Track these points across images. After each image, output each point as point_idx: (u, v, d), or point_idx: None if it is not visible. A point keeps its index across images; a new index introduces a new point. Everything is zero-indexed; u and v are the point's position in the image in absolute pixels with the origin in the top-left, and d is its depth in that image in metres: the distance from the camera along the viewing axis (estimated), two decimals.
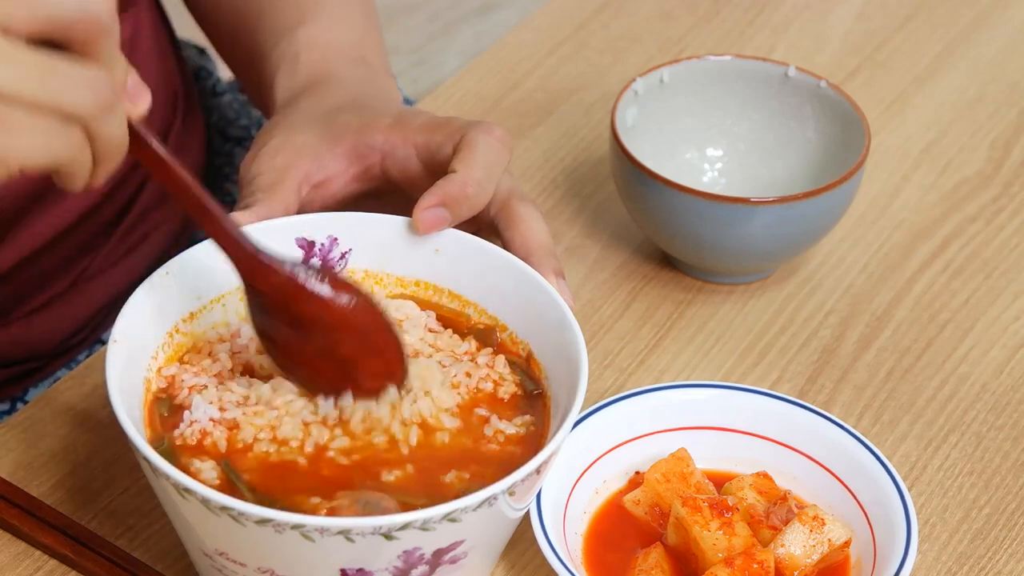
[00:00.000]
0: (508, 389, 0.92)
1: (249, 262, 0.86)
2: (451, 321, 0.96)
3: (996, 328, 1.12)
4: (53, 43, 0.72)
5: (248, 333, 0.92)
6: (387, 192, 1.02)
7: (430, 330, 0.94)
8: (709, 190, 1.16)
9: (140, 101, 0.78)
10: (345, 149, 1.00)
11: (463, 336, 0.94)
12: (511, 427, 0.89)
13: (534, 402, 0.91)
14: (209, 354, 0.92)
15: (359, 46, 1.11)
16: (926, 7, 1.41)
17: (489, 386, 0.91)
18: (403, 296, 0.97)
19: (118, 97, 0.75)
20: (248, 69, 1.16)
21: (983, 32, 1.38)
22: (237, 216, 0.95)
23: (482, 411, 0.90)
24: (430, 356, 0.93)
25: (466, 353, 0.93)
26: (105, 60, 0.74)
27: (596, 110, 1.29)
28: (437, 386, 0.89)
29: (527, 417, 0.90)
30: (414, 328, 0.94)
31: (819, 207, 1.08)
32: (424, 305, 0.97)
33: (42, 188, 1.12)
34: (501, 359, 0.93)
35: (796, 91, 1.16)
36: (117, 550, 0.94)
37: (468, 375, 0.92)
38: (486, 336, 0.94)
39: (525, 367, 0.93)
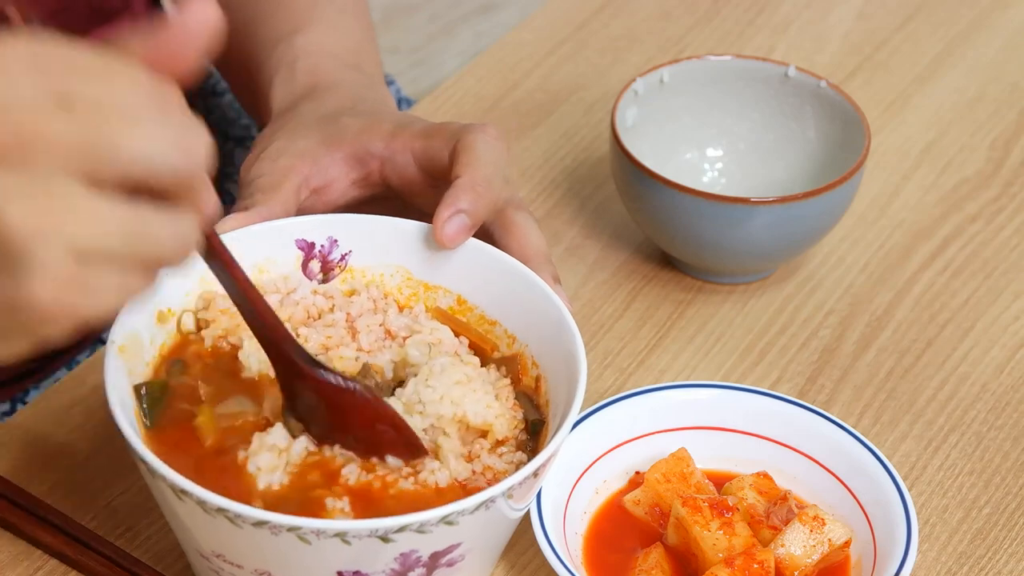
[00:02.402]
0: (504, 425, 0.91)
1: (290, 366, 0.87)
2: (476, 347, 0.95)
3: (996, 328, 1.12)
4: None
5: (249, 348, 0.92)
6: (386, 198, 1.02)
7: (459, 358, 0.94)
8: (709, 190, 1.16)
9: (212, 206, 0.76)
10: (345, 154, 1.00)
11: (485, 365, 0.94)
12: (500, 463, 0.89)
13: (532, 434, 0.91)
14: None
15: (355, 53, 1.11)
16: (926, 7, 1.41)
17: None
18: (410, 296, 0.97)
19: (201, 228, 0.73)
20: (243, 76, 1.16)
21: (983, 32, 1.38)
22: (236, 217, 0.95)
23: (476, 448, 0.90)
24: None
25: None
26: (195, 200, 0.71)
27: (596, 110, 1.29)
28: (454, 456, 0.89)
29: (519, 454, 0.89)
30: (443, 355, 0.93)
31: (819, 207, 1.08)
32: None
33: None
34: (508, 392, 0.92)
35: (796, 91, 1.16)
36: (117, 550, 0.94)
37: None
38: (508, 364, 0.94)
39: (533, 394, 0.93)
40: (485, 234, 0.98)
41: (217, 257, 0.82)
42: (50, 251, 0.66)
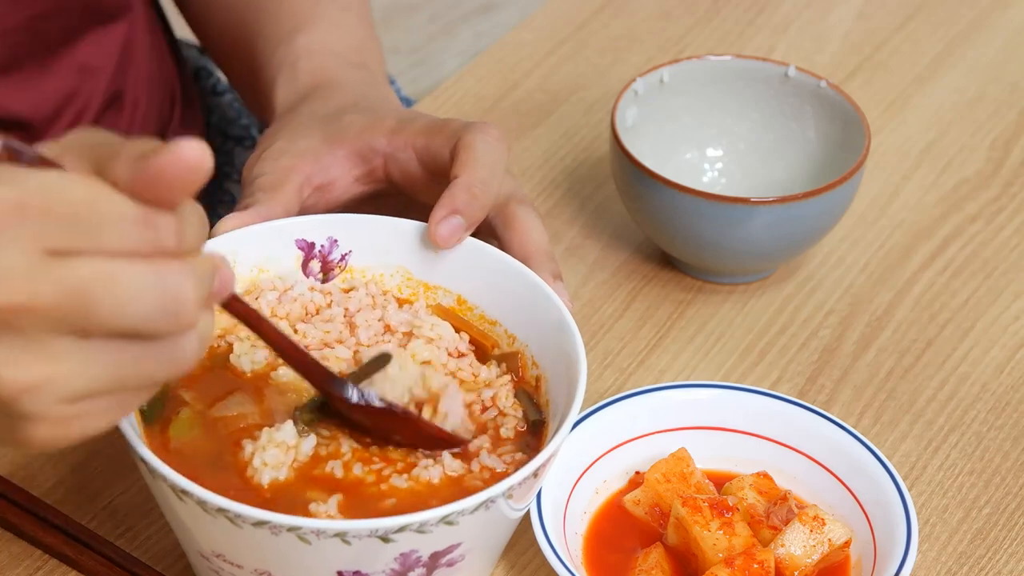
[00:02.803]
0: (509, 424, 0.91)
1: (337, 401, 0.88)
2: (477, 344, 0.95)
3: (996, 328, 1.12)
4: None
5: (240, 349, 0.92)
6: (390, 194, 1.02)
7: (460, 354, 0.94)
8: (709, 190, 1.16)
9: (226, 288, 0.75)
10: (347, 152, 1.00)
11: (485, 361, 0.94)
12: (500, 464, 0.89)
13: (533, 432, 0.91)
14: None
15: (358, 51, 1.11)
16: (926, 7, 1.41)
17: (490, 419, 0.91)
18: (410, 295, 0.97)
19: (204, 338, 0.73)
20: (246, 77, 1.16)
21: (983, 32, 1.38)
22: (235, 216, 0.95)
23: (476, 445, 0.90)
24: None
25: (485, 384, 0.93)
26: (192, 323, 0.71)
27: (596, 110, 1.29)
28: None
29: (518, 455, 0.89)
30: (440, 351, 0.93)
31: (819, 207, 1.08)
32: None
33: None
34: (507, 389, 0.92)
35: (796, 91, 1.16)
36: (117, 550, 0.94)
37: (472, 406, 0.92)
38: (509, 361, 0.94)
39: (533, 393, 0.93)
40: (488, 228, 0.98)
41: (243, 318, 0.83)
42: (42, 403, 0.69)
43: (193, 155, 0.67)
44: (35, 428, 0.69)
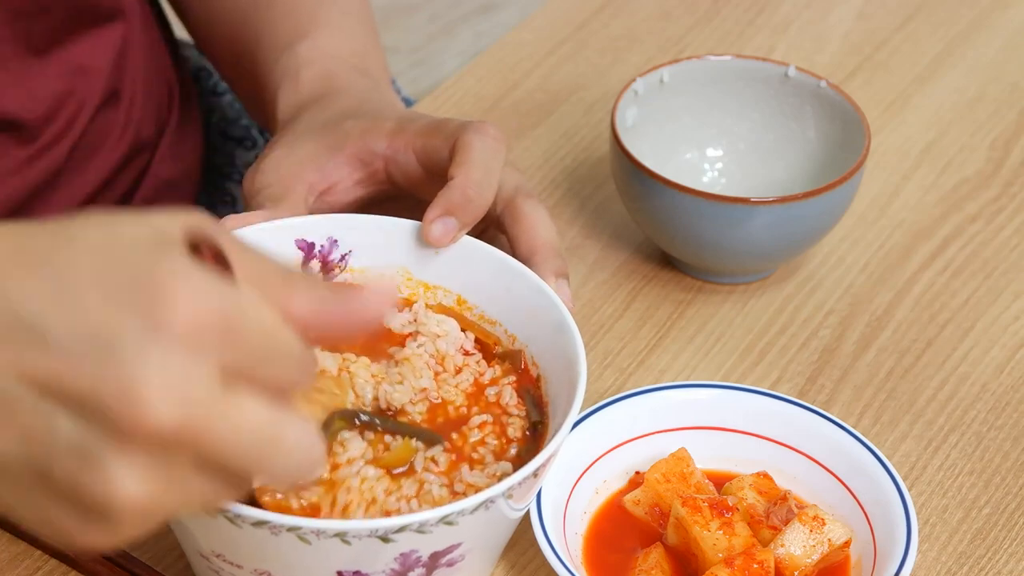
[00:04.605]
0: (516, 424, 0.91)
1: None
2: (481, 343, 0.95)
3: (996, 328, 1.12)
4: None
5: None
6: (394, 197, 1.02)
7: (467, 352, 0.94)
8: (709, 190, 1.16)
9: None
10: (348, 156, 1.00)
11: (490, 361, 0.94)
12: (483, 479, 0.88)
13: (533, 433, 0.91)
14: None
15: (361, 58, 1.11)
16: (926, 7, 1.41)
17: (489, 433, 0.91)
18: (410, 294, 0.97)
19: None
20: (249, 87, 1.16)
21: (983, 32, 1.38)
22: (235, 217, 0.95)
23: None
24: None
25: (490, 382, 0.93)
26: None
27: (596, 110, 1.29)
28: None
29: (505, 465, 0.89)
30: (448, 345, 0.93)
31: (819, 207, 1.08)
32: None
33: (37, 187, 1.12)
34: (510, 390, 0.92)
35: (796, 91, 1.16)
36: (117, 550, 0.94)
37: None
38: (513, 359, 0.94)
39: (535, 392, 0.93)
40: (496, 224, 0.99)
41: None
42: (132, 523, 0.66)
43: (384, 308, 0.67)
44: (106, 536, 0.66)
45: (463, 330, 0.95)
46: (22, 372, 0.64)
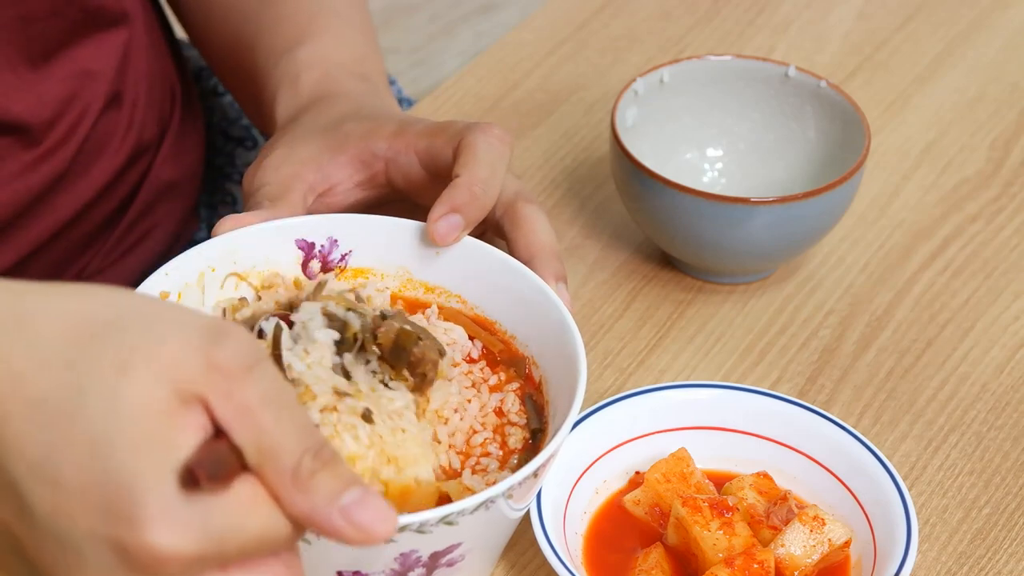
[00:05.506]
0: (517, 435, 0.91)
1: None
2: (487, 351, 0.95)
3: (996, 328, 1.12)
4: None
5: None
6: (393, 200, 1.02)
7: (471, 359, 0.94)
8: (709, 190, 1.16)
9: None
10: (348, 157, 1.00)
11: (494, 368, 0.94)
12: (480, 482, 0.88)
13: (533, 439, 0.91)
14: None
15: (360, 63, 1.11)
16: (926, 7, 1.41)
17: (491, 442, 0.91)
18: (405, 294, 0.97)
19: None
20: (248, 91, 1.16)
21: (983, 32, 1.38)
22: (234, 217, 0.95)
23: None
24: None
25: (492, 388, 0.93)
26: None
27: (596, 110, 1.29)
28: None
29: (506, 474, 0.88)
30: (456, 355, 0.93)
31: (819, 207, 1.08)
32: (421, 305, 0.97)
33: (41, 190, 1.12)
34: (512, 397, 0.92)
35: (796, 91, 1.16)
36: None
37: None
38: (517, 365, 0.94)
39: (536, 397, 0.93)
40: (496, 228, 0.99)
41: None
42: None
43: (388, 528, 0.67)
44: None
45: (471, 338, 0.95)
46: (5, 524, 0.68)
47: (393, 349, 0.87)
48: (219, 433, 0.67)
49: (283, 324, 0.87)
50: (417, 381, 0.87)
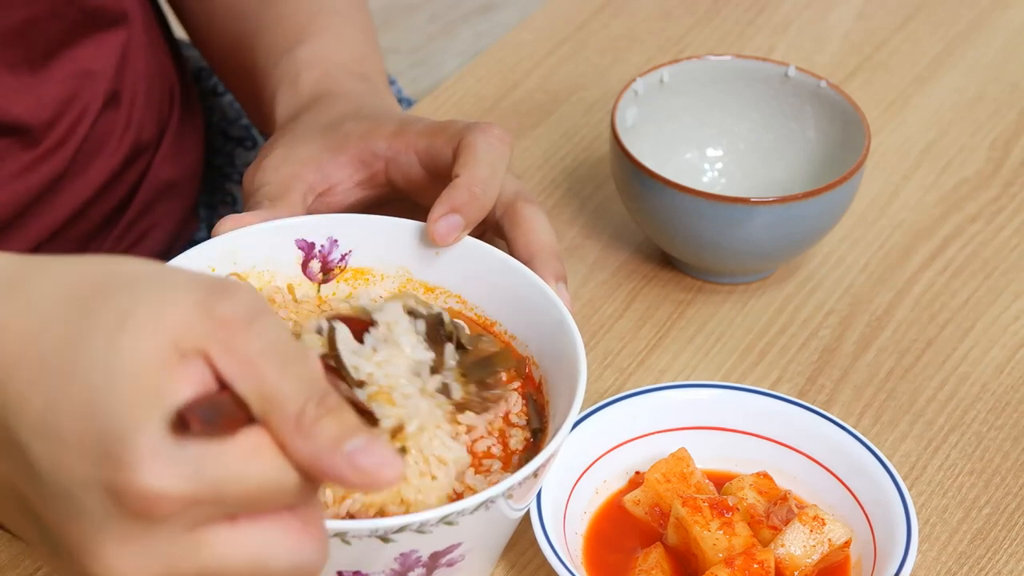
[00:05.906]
0: (519, 436, 0.91)
1: None
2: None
3: (996, 328, 1.12)
4: None
5: None
6: (393, 200, 1.02)
7: None
8: (709, 190, 1.16)
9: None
10: (348, 157, 1.00)
11: None
12: (482, 483, 0.88)
13: (533, 439, 0.91)
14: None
15: (360, 63, 1.11)
16: (926, 7, 1.41)
17: (494, 443, 0.91)
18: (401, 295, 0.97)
19: None
20: (247, 89, 1.16)
21: (983, 32, 1.38)
22: (234, 217, 0.95)
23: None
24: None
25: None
26: None
27: (596, 110, 1.29)
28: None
29: (507, 475, 0.88)
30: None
31: (819, 207, 1.08)
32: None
33: (40, 190, 1.12)
34: (515, 396, 0.92)
35: (796, 91, 1.16)
36: None
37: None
38: (519, 366, 0.94)
39: (537, 397, 0.92)
40: (496, 228, 0.99)
41: None
42: None
43: (393, 474, 0.66)
44: None
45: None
46: (12, 484, 0.68)
47: (479, 362, 0.86)
48: (224, 388, 0.67)
49: (339, 324, 0.85)
50: (478, 400, 0.86)
